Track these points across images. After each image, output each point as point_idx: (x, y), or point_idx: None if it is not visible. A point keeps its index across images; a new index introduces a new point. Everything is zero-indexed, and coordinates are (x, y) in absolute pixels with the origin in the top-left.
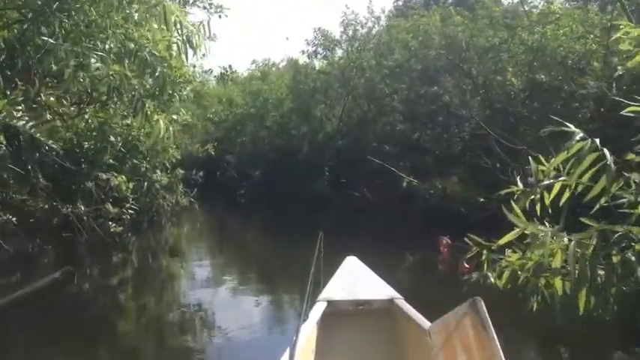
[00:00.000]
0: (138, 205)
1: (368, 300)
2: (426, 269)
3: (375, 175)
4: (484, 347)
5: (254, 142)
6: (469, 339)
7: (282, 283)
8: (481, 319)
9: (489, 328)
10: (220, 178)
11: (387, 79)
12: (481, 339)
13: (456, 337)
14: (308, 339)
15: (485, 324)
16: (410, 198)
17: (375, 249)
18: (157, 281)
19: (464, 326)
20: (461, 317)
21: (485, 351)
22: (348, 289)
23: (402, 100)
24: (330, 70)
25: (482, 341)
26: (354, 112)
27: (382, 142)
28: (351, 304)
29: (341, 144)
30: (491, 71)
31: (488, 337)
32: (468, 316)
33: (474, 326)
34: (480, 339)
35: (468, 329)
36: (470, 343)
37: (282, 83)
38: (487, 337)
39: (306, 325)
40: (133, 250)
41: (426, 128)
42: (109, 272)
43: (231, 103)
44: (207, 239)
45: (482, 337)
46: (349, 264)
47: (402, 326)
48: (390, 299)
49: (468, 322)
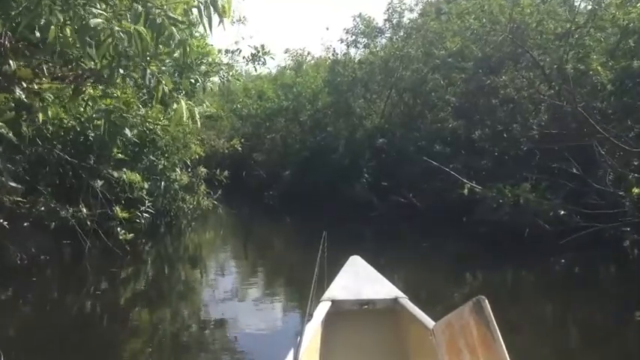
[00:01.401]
0: (154, 207)
1: (372, 299)
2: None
3: (422, 179)
4: (488, 347)
5: (285, 139)
6: (473, 338)
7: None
8: (485, 319)
9: (494, 328)
10: (247, 177)
11: (438, 70)
12: (485, 338)
13: (461, 337)
14: (312, 338)
15: (490, 323)
16: (466, 206)
17: (454, 282)
18: (173, 296)
19: (468, 326)
20: (465, 317)
21: (490, 350)
22: (352, 289)
23: (456, 94)
24: (372, 60)
25: (487, 341)
26: (397, 107)
27: (430, 141)
28: (355, 304)
29: (382, 143)
30: (572, 59)
31: (492, 336)
32: (473, 316)
33: (479, 326)
34: (484, 338)
35: (472, 329)
36: (474, 342)
37: (318, 75)
38: (491, 336)
39: (310, 325)
40: (148, 260)
41: (484, 125)
42: (118, 287)
43: (260, 96)
44: (232, 246)
45: (486, 336)
46: (353, 263)
47: (407, 326)
48: (394, 298)
49: (472, 321)
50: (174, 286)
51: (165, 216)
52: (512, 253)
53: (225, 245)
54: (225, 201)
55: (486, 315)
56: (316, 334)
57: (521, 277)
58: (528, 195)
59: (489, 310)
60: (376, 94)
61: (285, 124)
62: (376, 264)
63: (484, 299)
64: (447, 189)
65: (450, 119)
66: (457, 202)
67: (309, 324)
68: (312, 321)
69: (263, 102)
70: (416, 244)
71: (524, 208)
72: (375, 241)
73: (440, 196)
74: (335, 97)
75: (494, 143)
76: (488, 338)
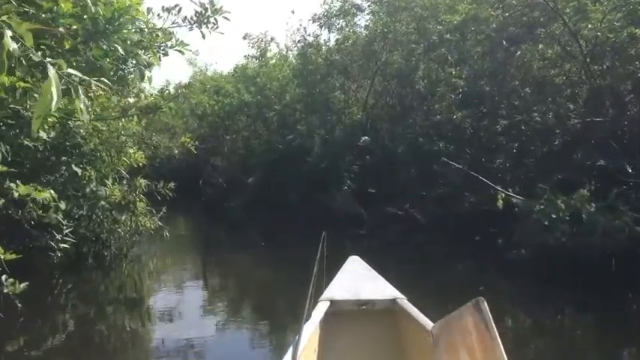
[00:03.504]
0: (76, 233)
1: (370, 300)
2: None
3: (419, 185)
4: (487, 347)
5: (247, 141)
6: (472, 339)
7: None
8: (484, 320)
9: (492, 329)
10: (204, 186)
11: (434, 50)
12: (484, 339)
13: (459, 338)
14: (310, 339)
15: (489, 324)
16: (488, 220)
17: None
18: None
19: (467, 326)
20: (464, 317)
21: (488, 351)
22: (351, 289)
23: (463, 77)
24: (353, 40)
25: (485, 341)
26: (383, 97)
27: (428, 136)
28: (353, 304)
29: (366, 141)
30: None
31: (491, 337)
32: (471, 317)
33: (477, 326)
34: (482, 339)
35: (471, 329)
36: (473, 343)
37: (285, 64)
38: (490, 337)
39: (309, 325)
40: (67, 306)
41: (497, 115)
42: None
43: (218, 91)
44: (183, 279)
45: (485, 337)
46: (352, 263)
47: (405, 326)
48: (392, 299)
49: (470, 322)
50: (104, 346)
51: (93, 243)
52: (591, 291)
53: (175, 278)
54: (175, 217)
55: (485, 316)
56: (314, 334)
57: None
58: (588, 206)
59: (488, 310)
60: (357, 83)
61: (248, 123)
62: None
63: (483, 300)
64: (455, 196)
65: (453, 109)
66: (473, 215)
67: (308, 324)
68: (310, 321)
69: (221, 98)
70: (428, 278)
71: (590, 224)
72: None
73: (444, 206)
74: (307, 89)
75: (513, 137)
76: (487, 339)
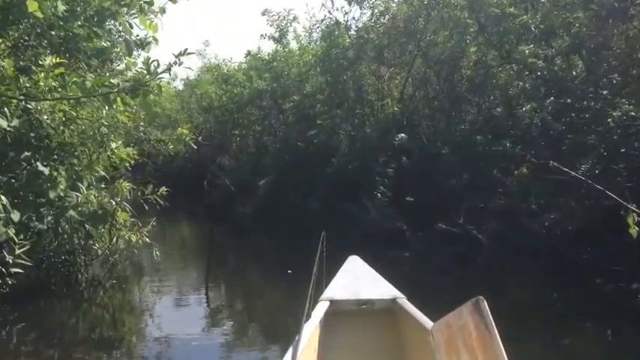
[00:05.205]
0: (36, 253)
1: (370, 299)
2: None
3: (474, 195)
4: (487, 347)
5: (260, 137)
6: (472, 339)
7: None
8: (484, 319)
9: (492, 329)
10: (208, 188)
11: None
12: (484, 339)
13: (459, 337)
14: (310, 338)
15: (488, 324)
16: (597, 244)
17: None
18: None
19: (467, 326)
20: (464, 317)
21: (488, 351)
22: (351, 289)
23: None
24: (393, 14)
25: (485, 341)
26: (423, 88)
27: (482, 134)
28: (353, 304)
29: (402, 139)
30: None
31: (491, 337)
32: (471, 316)
33: (477, 326)
34: (482, 339)
35: (470, 329)
36: (472, 343)
37: (308, 48)
38: (490, 337)
39: (309, 325)
40: (21, 349)
41: (587, 108)
42: None
43: (227, 79)
44: (179, 313)
45: (485, 337)
46: (352, 263)
47: (405, 326)
48: (392, 299)
49: (470, 321)
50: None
51: (59, 266)
52: None
53: (167, 314)
54: (178, 220)
55: (485, 315)
56: (314, 333)
57: None
58: None
59: (488, 310)
60: (392, 69)
61: (260, 117)
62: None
63: (483, 300)
64: (531, 213)
65: (521, 99)
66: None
67: (308, 324)
68: (310, 321)
69: (230, 87)
70: (524, 337)
71: None
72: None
73: (518, 224)
74: (331, 76)
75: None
76: (487, 339)
